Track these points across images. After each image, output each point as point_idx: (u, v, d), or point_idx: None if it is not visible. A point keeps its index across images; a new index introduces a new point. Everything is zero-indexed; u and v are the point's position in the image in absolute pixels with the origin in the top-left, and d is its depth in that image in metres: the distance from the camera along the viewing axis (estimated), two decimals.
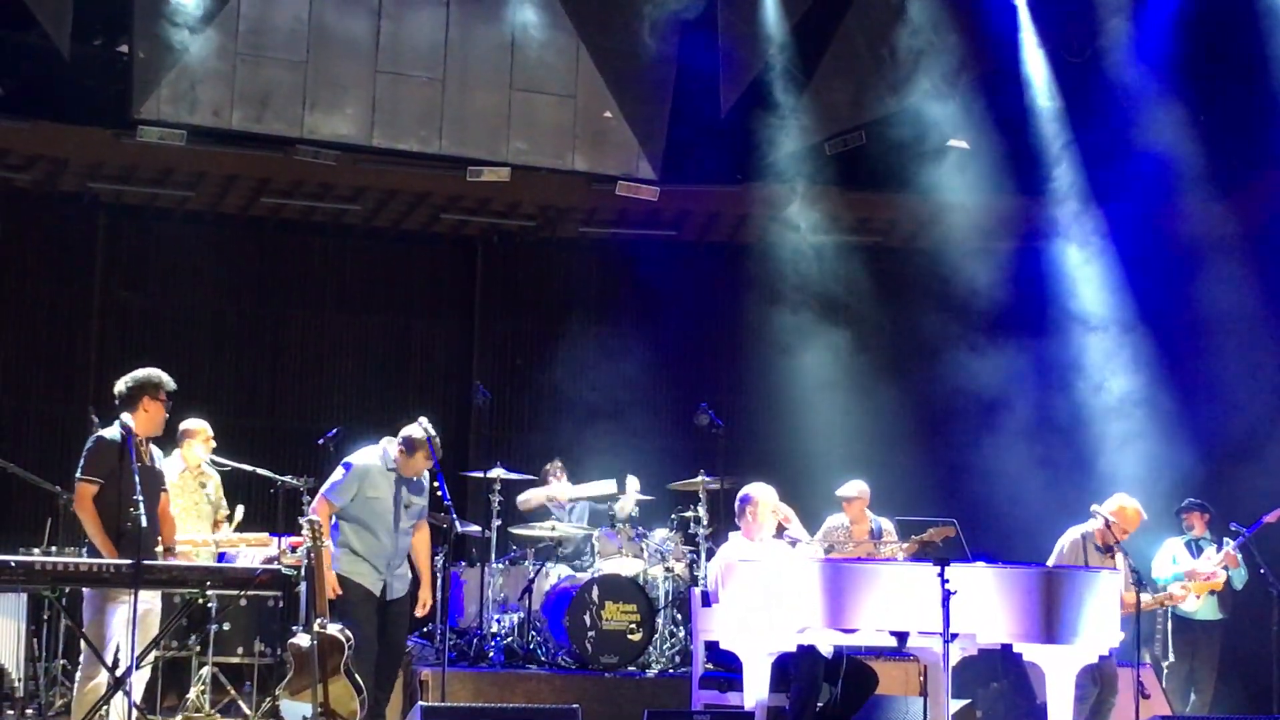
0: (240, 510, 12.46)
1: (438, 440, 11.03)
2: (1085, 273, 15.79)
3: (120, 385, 9.90)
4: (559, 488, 14.09)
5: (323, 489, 10.77)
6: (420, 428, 10.80)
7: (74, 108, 14.53)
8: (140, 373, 9.94)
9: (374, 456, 10.84)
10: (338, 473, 10.84)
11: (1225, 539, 12.97)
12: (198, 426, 12.69)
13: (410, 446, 10.76)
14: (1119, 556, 11.39)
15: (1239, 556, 12.81)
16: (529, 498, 14.06)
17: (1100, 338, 15.63)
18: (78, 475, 9.73)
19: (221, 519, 12.58)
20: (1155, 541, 13.17)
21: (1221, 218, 15.30)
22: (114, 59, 14.60)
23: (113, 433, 9.82)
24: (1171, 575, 13.17)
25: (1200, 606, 13.11)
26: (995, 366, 15.46)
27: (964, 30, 15.30)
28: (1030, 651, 10.34)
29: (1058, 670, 10.26)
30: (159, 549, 9.75)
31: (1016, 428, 15.42)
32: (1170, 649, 13.22)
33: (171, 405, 9.98)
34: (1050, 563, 11.52)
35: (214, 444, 12.71)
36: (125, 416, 9.83)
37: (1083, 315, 15.76)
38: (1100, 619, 10.11)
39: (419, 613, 10.96)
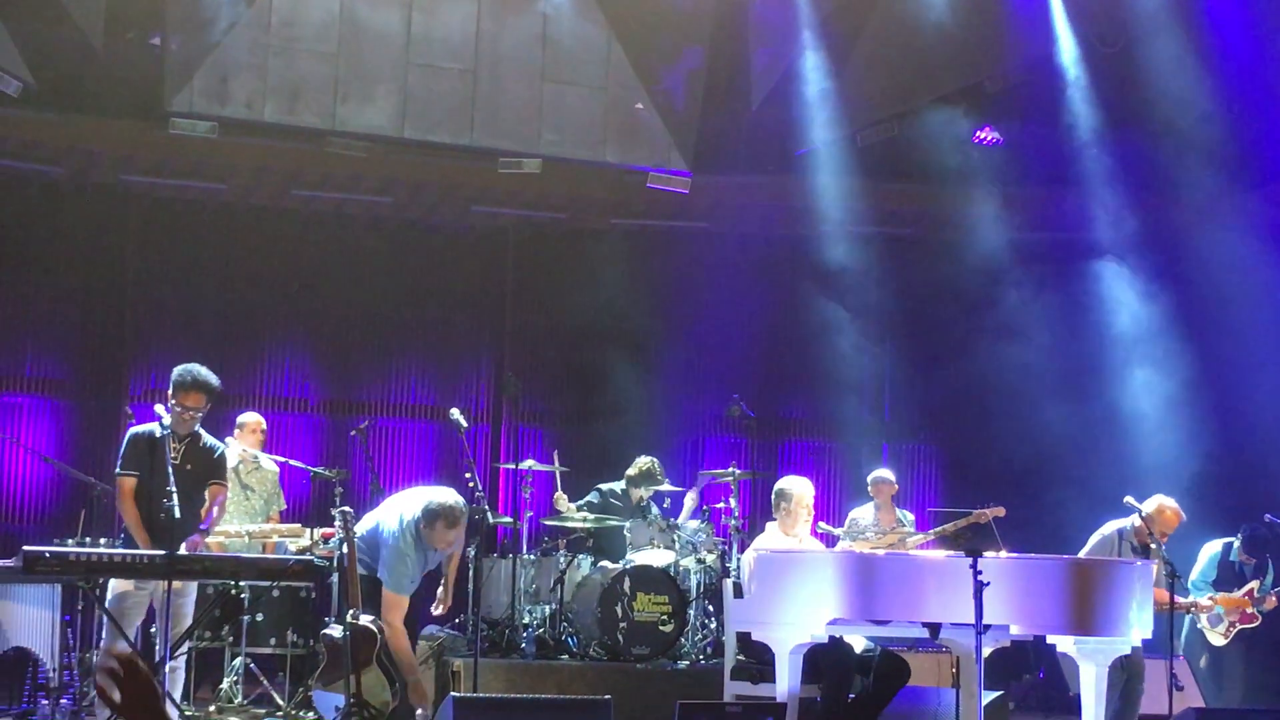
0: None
1: (463, 423, 11.04)
2: (1119, 264, 15.74)
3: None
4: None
5: (390, 584, 10.27)
6: (443, 497, 10.38)
7: (107, 100, 14.58)
8: (177, 369, 9.98)
9: (417, 556, 10.44)
10: (393, 557, 10.31)
11: (1262, 578, 13.05)
12: (249, 420, 12.79)
13: (429, 518, 10.32)
14: (1155, 555, 11.37)
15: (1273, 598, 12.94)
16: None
17: (1136, 328, 15.58)
18: (116, 471, 9.81)
19: (275, 515, 12.64)
20: (1190, 538, 13.11)
21: (1258, 209, 15.25)
22: (147, 52, 14.64)
23: (144, 427, 9.87)
24: (1199, 575, 13.19)
25: (1225, 643, 13.12)
26: (1027, 358, 15.43)
27: (997, 20, 15.26)
28: (1063, 643, 10.33)
29: (1091, 662, 10.24)
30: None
31: (1051, 420, 15.38)
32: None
33: (209, 401, 9.96)
34: (1081, 555, 11.51)
35: (262, 436, 12.80)
36: (159, 409, 9.89)
37: (1117, 307, 15.71)
38: (1134, 611, 10.09)
39: (435, 610, 10.91)
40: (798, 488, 10.94)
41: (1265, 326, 15.20)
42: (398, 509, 10.51)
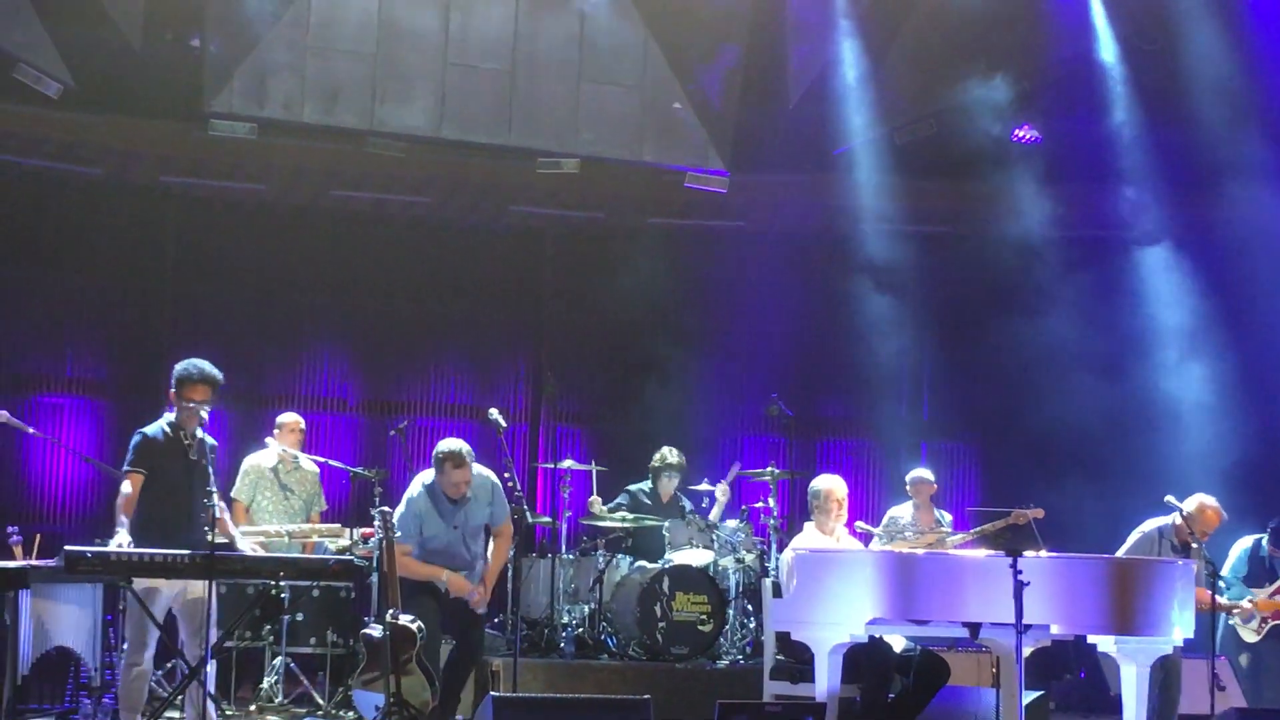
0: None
1: (501, 422, 11.09)
2: (1159, 262, 15.67)
3: None
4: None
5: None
6: (444, 443, 10.72)
7: (146, 102, 14.62)
8: (180, 364, 9.88)
9: (424, 502, 10.73)
10: (401, 506, 10.75)
11: None
12: (288, 420, 12.82)
13: (436, 464, 10.68)
14: (1195, 554, 11.31)
15: None
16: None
17: (1176, 324, 15.50)
18: (124, 468, 9.72)
19: (316, 516, 12.66)
20: (1226, 531, 13.03)
21: None
22: (186, 53, 14.67)
23: (153, 428, 9.81)
24: (1230, 571, 13.11)
25: (1259, 639, 13.05)
26: (1066, 355, 15.37)
27: (1036, 17, 15.20)
28: (1104, 643, 10.29)
29: (1132, 662, 10.20)
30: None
31: (1091, 417, 15.32)
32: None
33: (213, 395, 9.84)
34: (1119, 554, 11.47)
35: (302, 436, 12.81)
36: (202, 413, 9.83)
37: (1157, 303, 15.63)
38: (1175, 610, 10.04)
39: (474, 604, 10.75)
40: (826, 483, 10.96)
41: None
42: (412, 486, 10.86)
